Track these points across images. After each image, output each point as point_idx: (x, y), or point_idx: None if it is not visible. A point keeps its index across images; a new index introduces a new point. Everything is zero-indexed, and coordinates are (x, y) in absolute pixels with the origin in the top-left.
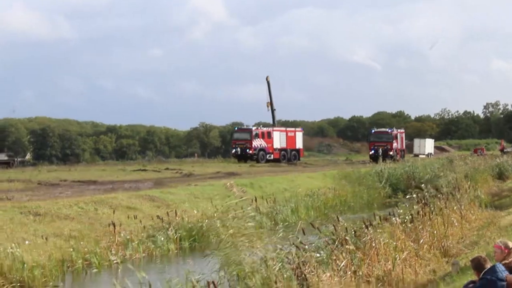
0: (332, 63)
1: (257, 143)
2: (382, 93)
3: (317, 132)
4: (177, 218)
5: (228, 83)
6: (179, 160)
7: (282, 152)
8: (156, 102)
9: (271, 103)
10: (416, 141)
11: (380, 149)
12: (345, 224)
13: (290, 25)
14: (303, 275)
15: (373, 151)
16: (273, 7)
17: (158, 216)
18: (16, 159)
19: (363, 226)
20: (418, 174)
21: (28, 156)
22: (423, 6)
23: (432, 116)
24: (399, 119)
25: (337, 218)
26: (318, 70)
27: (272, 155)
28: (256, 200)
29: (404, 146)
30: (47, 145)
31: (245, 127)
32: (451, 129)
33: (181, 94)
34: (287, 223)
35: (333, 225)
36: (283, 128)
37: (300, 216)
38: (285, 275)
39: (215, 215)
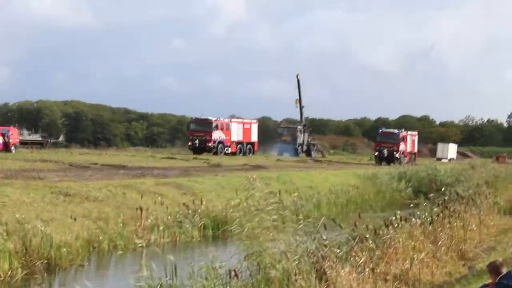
0: (354, 66)
1: (217, 135)
2: (405, 97)
3: (343, 131)
4: (202, 206)
5: (252, 79)
6: None
7: (239, 146)
8: (185, 94)
9: (300, 100)
10: (440, 146)
11: (386, 150)
12: (367, 222)
13: (313, 26)
14: (322, 269)
15: (378, 152)
16: (297, 7)
17: (184, 204)
18: (49, 140)
19: (384, 225)
20: (439, 178)
21: (61, 138)
22: (449, 13)
23: (456, 122)
24: (424, 123)
25: (359, 215)
26: (340, 72)
27: (230, 148)
28: (280, 193)
29: (415, 149)
30: (80, 129)
31: (203, 117)
32: (474, 136)
33: (207, 87)
34: (309, 218)
35: (355, 223)
36: (240, 120)
37: (322, 212)
38: (304, 269)
39: (240, 206)
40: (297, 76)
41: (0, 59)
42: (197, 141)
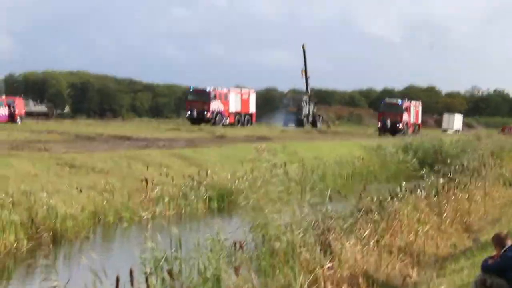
0: (357, 35)
1: (215, 105)
2: (411, 68)
3: (349, 101)
4: (207, 178)
5: (256, 48)
6: None
7: (237, 116)
8: (189, 63)
9: (305, 71)
10: (446, 116)
11: (389, 121)
12: (372, 193)
13: None
14: (327, 242)
15: (380, 123)
16: None
17: (189, 175)
18: (55, 111)
19: (389, 197)
20: (445, 149)
21: (67, 109)
22: None
23: (462, 92)
24: (430, 93)
25: (364, 187)
26: (344, 42)
27: (228, 119)
28: (285, 164)
29: (419, 120)
30: (86, 99)
31: (201, 87)
32: (480, 107)
33: (211, 56)
34: (315, 190)
35: (360, 194)
36: (238, 90)
37: (328, 183)
38: (309, 241)
39: (245, 177)
40: (302, 46)
41: (2, 29)
42: (195, 112)
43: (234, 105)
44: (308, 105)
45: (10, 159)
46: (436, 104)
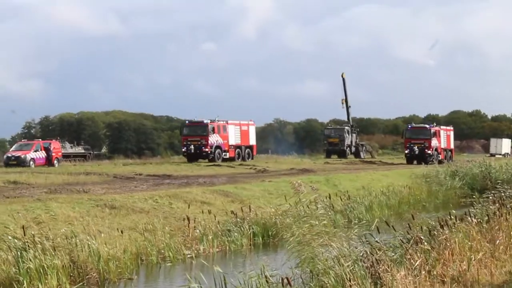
0: (392, 62)
1: (214, 139)
2: (453, 93)
3: (392, 130)
4: (250, 213)
5: (292, 80)
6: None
7: (237, 150)
8: (223, 98)
9: (346, 100)
10: (493, 141)
11: (416, 147)
12: (420, 223)
13: (348, 23)
14: (377, 274)
15: (408, 150)
16: (330, 4)
17: (232, 212)
18: (92, 152)
19: (439, 225)
20: (494, 174)
21: (104, 150)
22: (489, 3)
23: (508, 115)
24: (475, 118)
25: (412, 217)
26: (381, 69)
27: (227, 153)
28: (330, 197)
29: (451, 146)
30: (123, 139)
31: (198, 120)
32: None
33: (245, 90)
34: (361, 222)
35: (408, 224)
36: (237, 121)
37: (374, 214)
38: (359, 274)
39: (289, 211)
40: (342, 75)
41: (33, 71)
42: (192, 147)
43: (234, 138)
44: (350, 135)
45: (49, 203)
46: (482, 129)
